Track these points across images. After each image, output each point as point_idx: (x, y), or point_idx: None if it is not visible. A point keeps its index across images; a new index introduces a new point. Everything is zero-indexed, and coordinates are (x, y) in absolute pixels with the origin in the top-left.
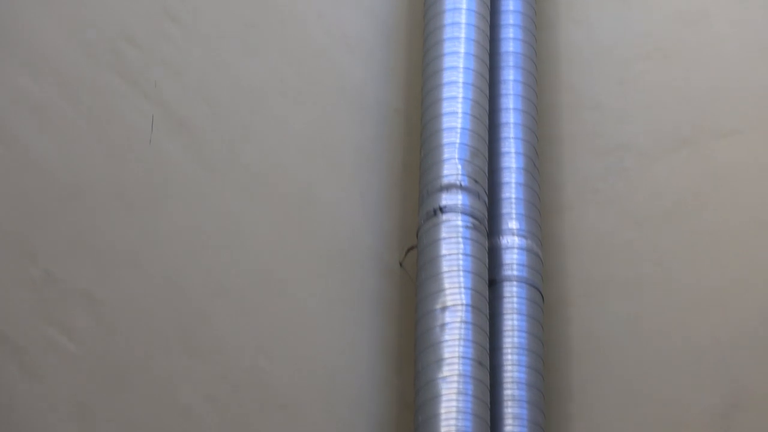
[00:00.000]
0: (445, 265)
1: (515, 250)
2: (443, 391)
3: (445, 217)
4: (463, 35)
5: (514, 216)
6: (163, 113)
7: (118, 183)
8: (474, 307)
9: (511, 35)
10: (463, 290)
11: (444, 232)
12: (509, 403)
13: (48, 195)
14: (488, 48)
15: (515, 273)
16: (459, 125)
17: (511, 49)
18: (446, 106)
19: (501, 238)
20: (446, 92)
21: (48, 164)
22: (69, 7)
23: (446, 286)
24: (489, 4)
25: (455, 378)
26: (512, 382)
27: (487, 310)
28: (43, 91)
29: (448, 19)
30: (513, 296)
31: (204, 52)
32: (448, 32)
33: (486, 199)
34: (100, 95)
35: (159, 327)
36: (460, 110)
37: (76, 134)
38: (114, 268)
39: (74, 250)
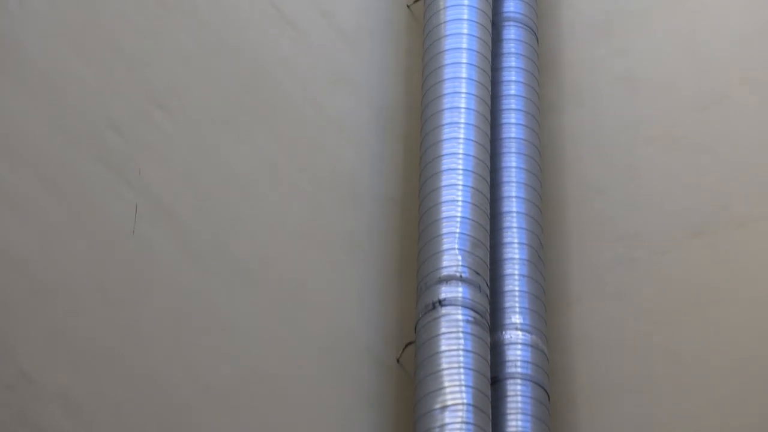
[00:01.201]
0: (445, 362)
1: (519, 346)
2: None
3: (444, 310)
4: (462, 120)
5: (517, 310)
6: (147, 202)
7: (100, 276)
8: (476, 407)
9: (512, 120)
10: (464, 389)
11: (443, 326)
12: None
13: (25, 291)
14: (489, 133)
15: (519, 370)
16: (459, 214)
17: (513, 134)
18: (445, 194)
19: (504, 333)
20: (445, 179)
21: (26, 258)
22: (50, 93)
23: (446, 384)
24: (489, 88)
25: None
26: None
27: (490, 410)
28: (22, 181)
29: (447, 103)
30: (517, 395)
31: (191, 138)
32: (446, 117)
33: (488, 292)
34: (82, 184)
35: (139, 428)
36: (459, 198)
37: (55, 226)
38: (93, 367)
39: (51, 349)
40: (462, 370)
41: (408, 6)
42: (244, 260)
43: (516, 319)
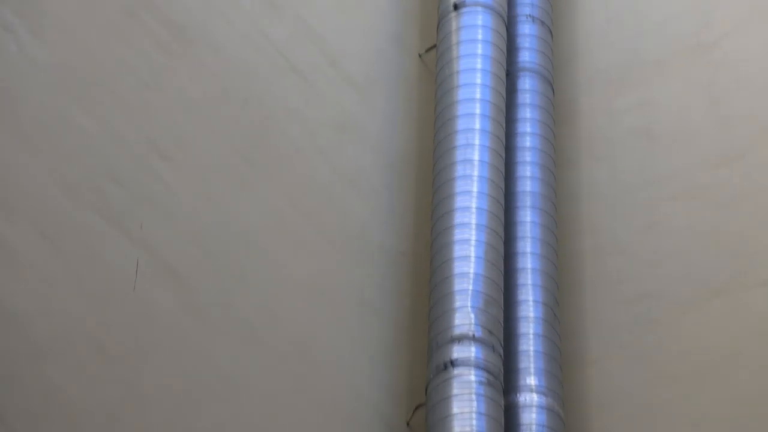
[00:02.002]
0: (457, 426)
1: (534, 409)
2: None
3: (456, 371)
4: (475, 173)
5: (532, 371)
6: (149, 257)
7: (98, 335)
8: None
9: (528, 173)
10: None
11: (456, 388)
12: None
13: (20, 351)
14: (503, 187)
15: None
16: (472, 270)
17: (528, 188)
18: (458, 250)
19: (518, 395)
20: (458, 234)
21: (21, 314)
22: (48, 143)
23: None
24: (504, 140)
25: None
26: None
27: None
28: (19, 234)
29: (460, 155)
30: None
31: (195, 190)
32: (459, 170)
33: (501, 352)
34: (81, 238)
35: None
36: (472, 254)
37: (53, 282)
38: (89, 431)
39: (46, 411)
40: None
41: (420, 55)
42: (250, 318)
43: (531, 380)
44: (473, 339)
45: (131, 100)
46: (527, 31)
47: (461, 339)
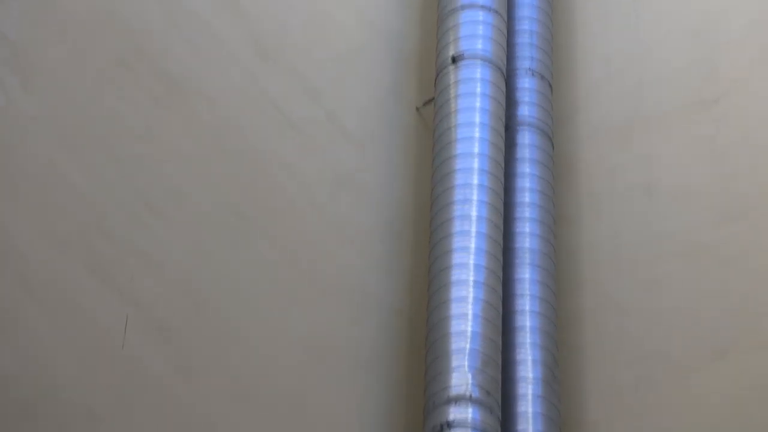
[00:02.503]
0: None
1: None
2: None
3: None
4: (473, 230)
5: None
6: (138, 313)
7: (86, 394)
8: None
9: (527, 229)
10: None
11: None
12: None
13: (7, 411)
14: (501, 243)
15: None
16: (469, 329)
17: (527, 244)
18: (455, 307)
19: None
20: (455, 291)
21: (7, 375)
22: (38, 197)
23: None
24: (502, 195)
25: None
26: None
27: None
28: (4, 290)
29: (457, 211)
30: None
31: (187, 245)
32: (457, 225)
33: (499, 414)
34: (68, 293)
35: None
36: (470, 312)
37: (39, 338)
38: None
39: None
40: None
41: (417, 108)
42: (242, 375)
43: None
44: (470, 400)
45: (123, 152)
46: (527, 85)
47: (458, 400)
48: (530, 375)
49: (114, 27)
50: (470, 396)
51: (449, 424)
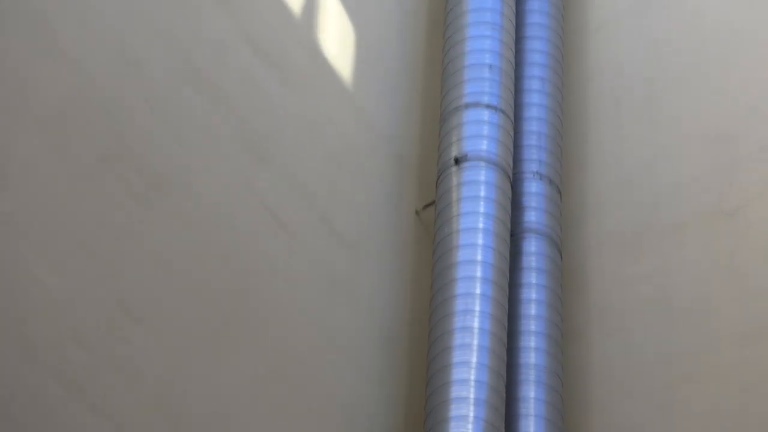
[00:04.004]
0: None
1: None
2: None
3: None
4: (475, 342)
5: None
6: (111, 430)
7: None
8: None
9: (532, 344)
10: None
11: None
12: None
13: None
14: (505, 358)
15: None
16: None
17: (532, 360)
18: (454, 427)
19: None
20: (454, 410)
21: None
22: (8, 300)
23: None
24: (507, 306)
25: None
26: None
27: None
28: None
29: (458, 323)
30: None
31: (167, 356)
32: (458, 338)
33: None
34: (37, 407)
35: None
36: None
37: None
38: None
39: None
40: None
41: (417, 212)
42: None
43: None
44: None
45: (100, 254)
46: (534, 190)
47: None
48: None
49: (96, 121)
50: None
51: None
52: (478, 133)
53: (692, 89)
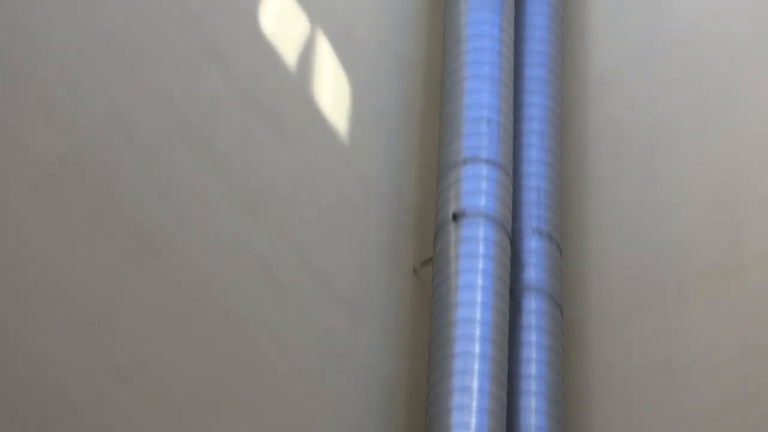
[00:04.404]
0: None
1: None
2: None
3: None
4: (474, 404)
5: None
6: None
7: None
8: None
9: (533, 405)
10: None
11: None
12: None
13: None
14: (505, 420)
15: None
16: None
17: (533, 421)
18: None
19: None
20: None
21: None
22: None
23: None
24: (506, 367)
25: None
26: None
27: None
28: None
29: (457, 383)
30: None
31: (158, 419)
32: (456, 400)
33: None
34: None
35: None
36: None
37: None
38: None
39: None
40: None
41: (414, 269)
42: None
43: None
44: None
45: (89, 315)
46: (533, 247)
47: None
48: None
49: (86, 179)
50: None
51: None
52: (477, 188)
53: (694, 145)
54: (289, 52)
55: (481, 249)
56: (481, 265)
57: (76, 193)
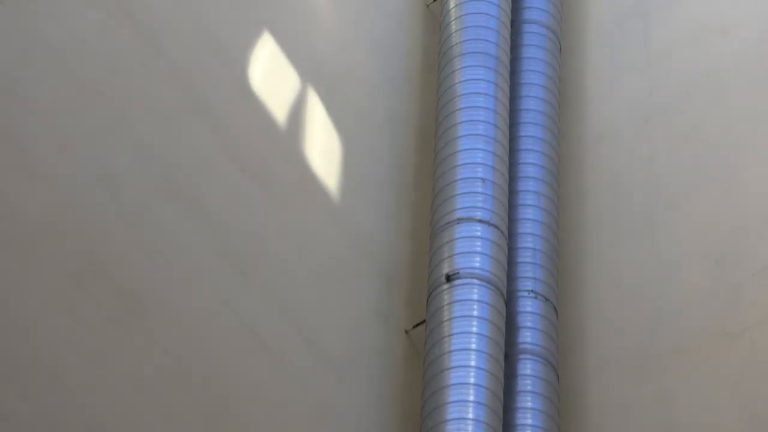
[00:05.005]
0: None
1: None
2: None
3: None
4: None
5: None
6: None
7: None
8: None
9: None
10: None
11: None
12: None
13: None
14: None
15: None
16: None
17: None
18: None
19: None
20: None
21: None
22: None
23: None
24: (501, 397)
25: None
26: None
27: None
28: None
29: (452, 413)
30: None
31: None
32: None
33: None
34: None
35: None
36: None
37: None
38: None
39: None
40: None
41: (406, 331)
42: None
43: None
44: None
45: (71, 380)
46: (529, 309)
47: None
48: None
49: (68, 238)
50: None
51: None
52: (471, 249)
53: (693, 205)
54: (279, 108)
55: (476, 311)
56: (475, 328)
57: (59, 252)
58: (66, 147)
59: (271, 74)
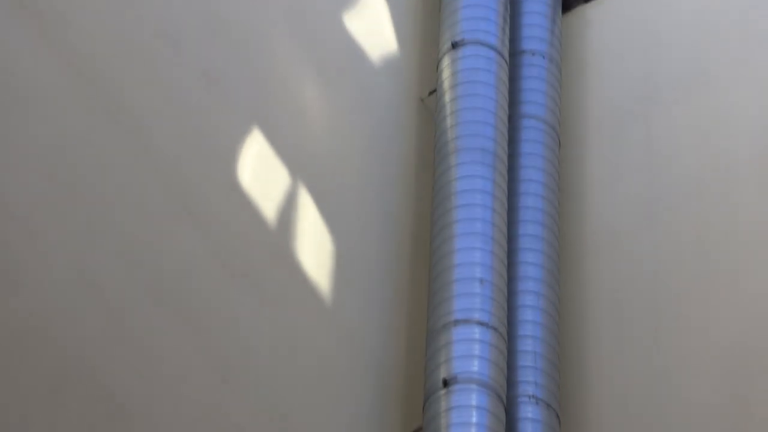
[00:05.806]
0: None
1: None
2: None
3: None
4: None
5: None
6: None
7: None
8: None
9: None
10: None
11: None
12: None
13: None
14: None
15: None
16: None
17: None
18: None
19: None
20: None
21: None
22: None
23: None
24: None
25: None
26: None
27: None
28: None
29: None
30: None
31: None
32: None
33: None
34: None
35: None
36: None
37: None
38: None
39: None
40: None
41: None
42: None
43: None
44: None
45: None
46: (530, 415)
47: None
48: None
49: (49, 342)
50: None
51: None
52: (469, 352)
53: (698, 311)
54: (268, 207)
55: (474, 417)
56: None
57: (37, 357)
58: (47, 251)
59: (260, 171)
